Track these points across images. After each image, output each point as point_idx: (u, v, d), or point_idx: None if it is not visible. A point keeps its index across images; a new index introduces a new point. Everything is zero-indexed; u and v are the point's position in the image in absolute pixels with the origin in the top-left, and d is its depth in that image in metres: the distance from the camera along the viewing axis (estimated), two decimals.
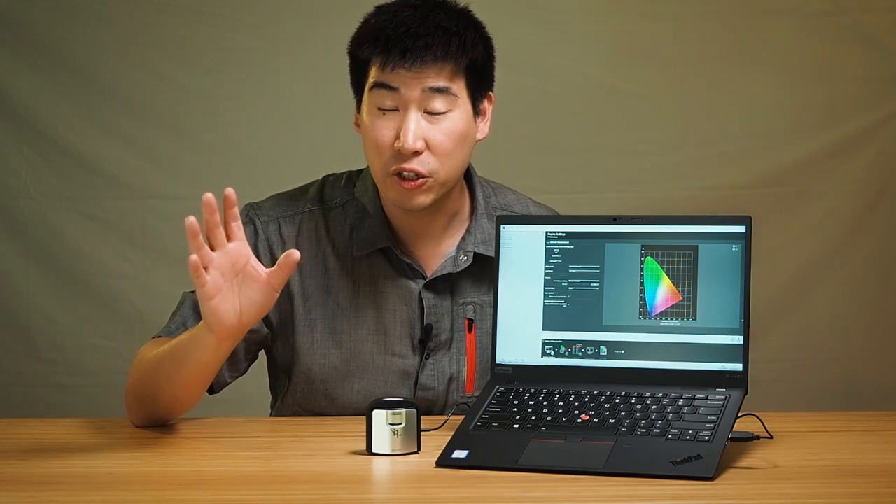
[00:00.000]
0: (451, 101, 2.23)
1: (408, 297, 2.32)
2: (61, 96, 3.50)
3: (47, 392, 3.53)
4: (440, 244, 2.35)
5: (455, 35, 2.23)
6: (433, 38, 2.21)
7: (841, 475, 1.89)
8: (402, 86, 2.21)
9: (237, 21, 3.52)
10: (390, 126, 2.23)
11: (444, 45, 2.22)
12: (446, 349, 2.34)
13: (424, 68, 2.21)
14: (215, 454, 2.05)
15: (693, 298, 2.07)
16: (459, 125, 2.25)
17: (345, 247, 2.34)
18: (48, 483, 1.85)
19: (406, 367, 2.33)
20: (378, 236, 2.32)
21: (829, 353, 3.59)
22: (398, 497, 1.86)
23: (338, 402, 2.33)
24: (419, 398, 2.31)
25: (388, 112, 2.23)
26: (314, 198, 2.37)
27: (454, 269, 2.33)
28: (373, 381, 2.32)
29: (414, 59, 2.20)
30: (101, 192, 3.51)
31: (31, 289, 3.52)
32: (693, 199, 3.52)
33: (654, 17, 3.54)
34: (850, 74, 3.54)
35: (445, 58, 2.22)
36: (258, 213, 2.35)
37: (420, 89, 2.21)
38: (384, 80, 2.22)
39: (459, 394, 2.33)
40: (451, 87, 2.23)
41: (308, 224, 2.35)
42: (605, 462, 1.87)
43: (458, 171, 2.28)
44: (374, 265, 2.33)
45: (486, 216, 2.37)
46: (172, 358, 2.13)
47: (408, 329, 2.33)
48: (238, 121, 3.54)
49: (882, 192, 3.56)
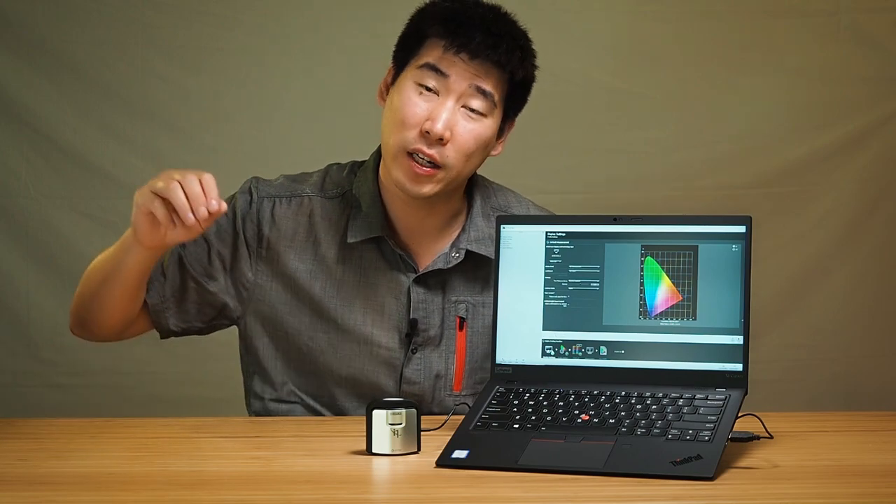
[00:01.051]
0: (489, 107, 2.26)
1: (397, 290, 2.33)
2: (61, 96, 3.49)
3: (47, 392, 3.53)
4: (436, 242, 2.36)
5: (519, 48, 2.28)
6: (501, 41, 2.25)
7: (841, 475, 1.89)
8: (454, 74, 2.23)
9: (237, 21, 3.52)
10: (425, 107, 2.24)
11: (508, 52, 2.25)
12: (435, 345, 2.34)
13: (483, 66, 2.24)
14: (215, 454, 2.05)
15: (693, 298, 2.07)
16: (486, 133, 2.27)
17: (338, 235, 2.34)
18: (48, 483, 1.85)
19: (391, 360, 2.33)
20: (374, 225, 2.32)
21: (829, 353, 3.59)
22: (398, 497, 1.86)
23: (328, 389, 2.34)
24: (404, 391, 2.32)
25: (427, 93, 2.24)
26: (315, 184, 2.39)
27: (445, 265, 2.33)
28: (359, 369, 2.33)
29: (478, 52, 2.23)
30: (101, 192, 3.51)
31: (31, 289, 3.52)
32: (693, 199, 3.52)
33: (655, 17, 3.54)
34: (850, 74, 3.54)
35: (504, 65, 2.25)
36: (258, 187, 2.38)
37: (468, 84, 2.24)
38: (439, 64, 2.24)
39: (447, 391, 2.34)
40: (494, 95, 2.26)
41: (304, 208, 2.36)
42: (605, 462, 1.87)
43: (467, 174, 2.30)
44: (366, 255, 2.34)
45: (483, 215, 2.37)
46: (105, 263, 2.25)
47: (395, 321, 2.33)
48: (238, 121, 3.54)
49: (882, 192, 3.56)
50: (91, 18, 3.49)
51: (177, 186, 2.09)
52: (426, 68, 2.24)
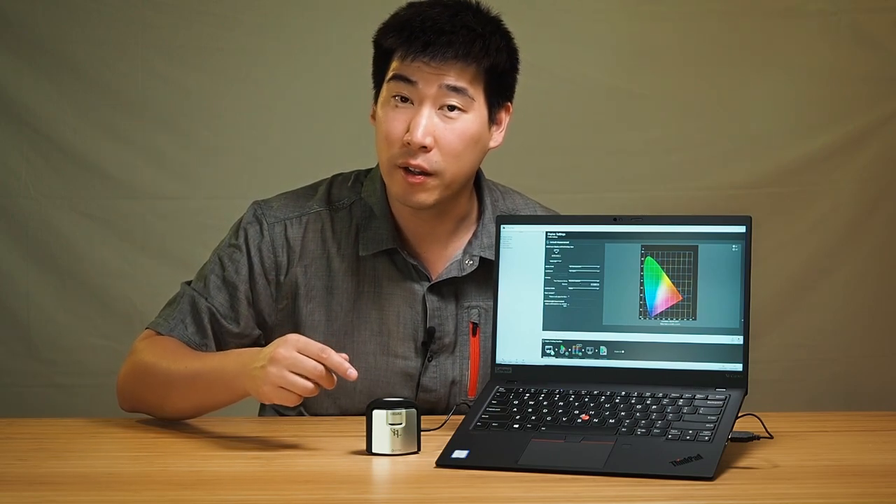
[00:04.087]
0: (466, 102, 2.24)
1: (412, 300, 2.32)
2: (61, 96, 3.49)
3: (47, 392, 3.52)
4: (446, 248, 2.35)
5: (479, 37, 2.24)
6: (457, 36, 2.23)
7: (841, 475, 1.89)
8: (420, 80, 2.22)
9: (237, 21, 3.52)
10: (403, 119, 2.23)
11: (466, 44, 2.23)
12: (449, 352, 2.34)
13: (444, 65, 2.22)
14: (215, 454, 2.05)
15: (693, 298, 2.07)
16: (472, 128, 2.25)
17: (350, 248, 2.34)
18: (48, 483, 1.85)
19: (408, 369, 2.33)
20: (384, 237, 2.32)
21: (829, 353, 3.59)
22: (398, 497, 1.86)
23: (340, 403, 2.33)
24: (421, 400, 2.31)
25: (403, 105, 2.24)
26: (321, 198, 2.37)
27: (459, 272, 2.33)
28: (375, 381, 2.32)
29: (435, 53, 2.21)
30: (101, 192, 3.51)
31: (31, 289, 3.52)
32: (693, 199, 3.52)
33: (655, 17, 3.54)
34: (850, 74, 3.54)
35: (466, 57, 2.23)
36: (265, 214, 2.35)
37: (437, 86, 2.22)
38: (403, 72, 2.23)
39: (462, 397, 2.33)
40: (468, 89, 2.24)
41: (314, 225, 2.35)
42: (605, 462, 1.87)
43: (464, 174, 2.28)
44: (379, 266, 2.33)
45: (494, 221, 2.36)
46: (191, 386, 2.17)
47: (411, 331, 2.33)
48: (238, 121, 3.54)
49: (882, 192, 3.56)
50: (91, 18, 3.49)
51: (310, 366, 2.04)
52: (395, 80, 2.24)
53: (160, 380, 2.21)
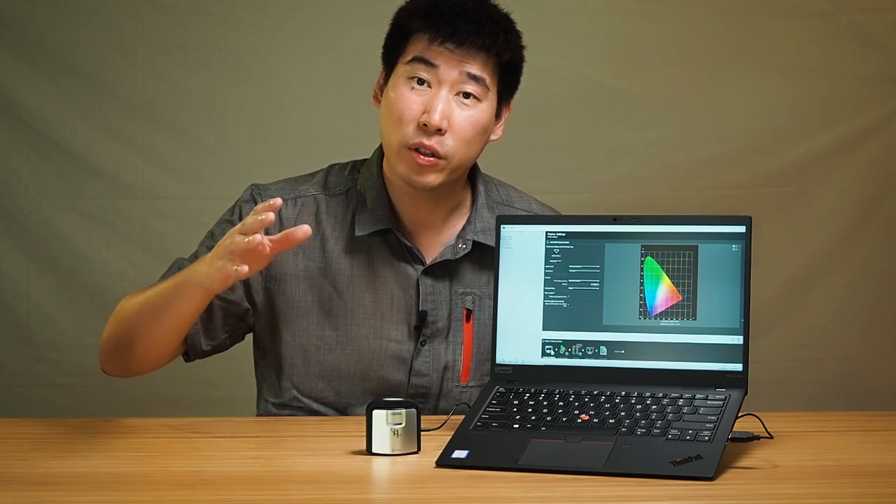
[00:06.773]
0: (482, 91, 2.28)
1: (405, 283, 2.34)
2: (61, 96, 3.49)
3: (47, 392, 3.52)
4: (440, 234, 2.37)
5: (503, 31, 2.30)
6: (484, 26, 2.27)
7: (841, 475, 1.89)
8: (442, 64, 2.26)
9: (237, 21, 3.52)
10: (419, 101, 2.26)
11: (492, 35, 2.28)
12: (443, 337, 2.35)
13: (469, 53, 2.26)
14: (215, 454, 2.05)
15: (693, 298, 2.07)
16: (483, 117, 2.29)
17: (345, 231, 2.35)
18: (48, 483, 1.85)
19: (401, 353, 2.34)
20: (381, 218, 2.34)
21: (829, 353, 3.59)
22: (398, 497, 1.86)
23: (334, 385, 2.34)
24: (413, 384, 2.33)
25: (419, 87, 2.26)
26: (318, 183, 2.40)
27: (453, 255, 2.34)
28: (368, 364, 2.33)
29: (462, 40, 2.26)
30: (101, 192, 3.51)
31: (31, 289, 3.52)
32: (693, 199, 3.52)
33: (654, 16, 3.54)
34: (850, 74, 3.54)
35: (490, 49, 2.28)
36: (261, 193, 2.39)
37: (458, 72, 2.26)
38: (426, 55, 2.26)
39: (454, 382, 2.35)
40: (486, 79, 2.28)
41: (309, 207, 2.37)
42: (605, 462, 1.87)
43: (469, 160, 2.32)
44: (374, 249, 2.34)
45: (487, 207, 2.39)
46: (153, 306, 2.22)
47: (404, 314, 2.34)
48: (238, 121, 3.54)
49: (882, 192, 3.56)
50: (91, 18, 3.49)
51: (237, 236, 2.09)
52: (415, 62, 2.27)
53: (130, 313, 2.27)
